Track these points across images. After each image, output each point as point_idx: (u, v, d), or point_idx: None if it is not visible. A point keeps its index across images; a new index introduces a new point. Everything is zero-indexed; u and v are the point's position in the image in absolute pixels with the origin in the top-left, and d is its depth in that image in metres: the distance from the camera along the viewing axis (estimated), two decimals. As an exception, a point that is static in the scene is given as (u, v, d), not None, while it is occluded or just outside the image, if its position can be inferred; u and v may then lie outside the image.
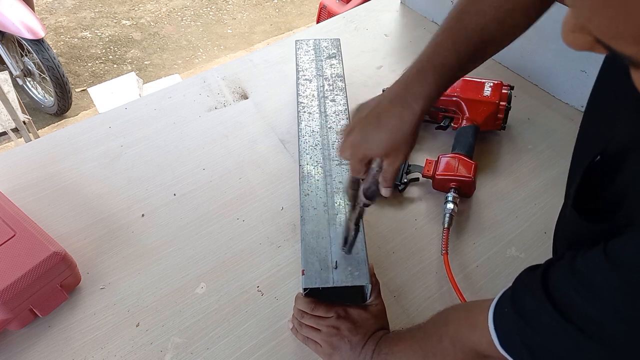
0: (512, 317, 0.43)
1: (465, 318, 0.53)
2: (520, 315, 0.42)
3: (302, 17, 3.46)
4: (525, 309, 0.42)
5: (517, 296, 0.44)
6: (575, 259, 0.39)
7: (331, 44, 1.03)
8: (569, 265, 0.39)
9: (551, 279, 0.41)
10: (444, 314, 0.58)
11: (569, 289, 0.38)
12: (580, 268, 0.38)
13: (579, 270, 0.38)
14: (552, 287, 0.40)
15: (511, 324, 0.44)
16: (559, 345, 0.39)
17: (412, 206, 0.88)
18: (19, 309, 0.67)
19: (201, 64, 3.04)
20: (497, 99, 0.92)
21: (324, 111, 0.89)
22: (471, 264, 0.80)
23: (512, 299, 0.45)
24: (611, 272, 0.35)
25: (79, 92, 2.80)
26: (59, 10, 3.38)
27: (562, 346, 0.39)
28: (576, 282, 0.37)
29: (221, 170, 0.93)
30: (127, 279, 0.77)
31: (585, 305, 0.37)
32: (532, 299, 0.42)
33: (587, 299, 0.36)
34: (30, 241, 0.70)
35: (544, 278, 0.41)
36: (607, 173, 0.43)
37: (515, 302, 0.44)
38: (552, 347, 0.40)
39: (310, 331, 0.66)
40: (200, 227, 0.84)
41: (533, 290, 0.41)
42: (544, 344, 0.40)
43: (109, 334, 0.71)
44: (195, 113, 1.03)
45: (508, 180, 0.92)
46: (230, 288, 0.76)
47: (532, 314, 0.41)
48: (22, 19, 2.21)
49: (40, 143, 0.98)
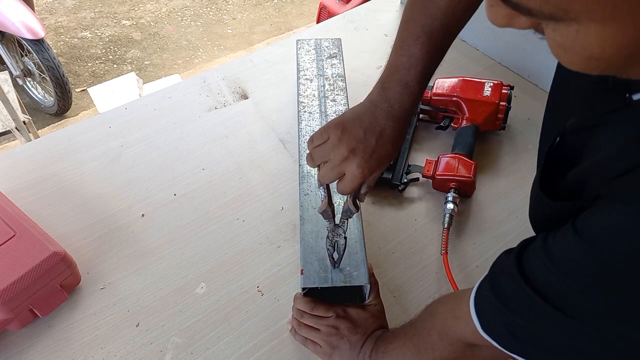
0: (492, 301, 0.44)
1: (450, 310, 0.53)
2: (499, 299, 0.43)
3: (302, 17, 3.46)
4: (504, 292, 0.43)
5: (494, 280, 0.45)
6: (547, 239, 0.39)
7: (332, 43, 1.03)
8: (542, 245, 0.39)
9: (526, 260, 0.41)
10: (431, 307, 0.59)
11: (543, 269, 0.38)
12: (551, 247, 0.38)
13: (551, 249, 0.38)
14: (527, 268, 0.40)
15: (491, 308, 0.44)
16: (539, 325, 0.39)
17: (412, 206, 0.88)
18: (19, 309, 0.67)
19: (201, 64, 3.04)
20: (497, 99, 0.92)
21: (324, 111, 0.89)
22: (471, 264, 0.80)
23: (491, 283, 0.45)
24: (581, 248, 0.35)
25: (79, 92, 2.80)
26: (59, 10, 3.38)
27: (542, 326, 0.39)
28: (549, 261, 0.38)
29: (221, 170, 0.93)
30: (127, 279, 0.77)
31: (559, 284, 0.37)
32: (509, 282, 0.42)
33: (560, 277, 0.37)
34: (30, 241, 0.70)
35: (518, 260, 0.41)
36: (567, 153, 0.44)
37: (493, 286, 0.44)
38: (532, 327, 0.40)
39: (309, 331, 0.66)
40: (200, 227, 0.84)
41: (510, 273, 0.42)
42: (524, 325, 0.41)
43: (109, 334, 0.71)
44: (195, 113, 1.03)
45: (508, 180, 0.92)
46: (230, 288, 0.76)
47: (510, 297, 0.42)
48: (22, 19, 2.21)
49: (40, 143, 0.98)
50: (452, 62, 1.16)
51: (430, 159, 0.89)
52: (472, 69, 1.13)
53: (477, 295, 0.47)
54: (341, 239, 0.64)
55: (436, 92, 0.96)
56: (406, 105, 0.57)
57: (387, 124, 0.56)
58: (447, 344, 0.53)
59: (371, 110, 0.57)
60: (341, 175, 0.57)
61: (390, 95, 0.57)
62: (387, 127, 0.56)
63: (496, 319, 0.44)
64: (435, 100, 0.97)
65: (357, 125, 0.56)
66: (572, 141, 0.45)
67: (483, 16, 0.34)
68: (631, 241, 0.32)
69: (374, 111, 0.57)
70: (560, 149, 0.47)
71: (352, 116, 0.58)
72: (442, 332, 0.53)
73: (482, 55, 1.17)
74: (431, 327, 0.56)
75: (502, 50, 1.14)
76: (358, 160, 0.55)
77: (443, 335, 0.53)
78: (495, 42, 1.14)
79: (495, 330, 0.44)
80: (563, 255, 0.37)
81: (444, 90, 0.95)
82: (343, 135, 0.56)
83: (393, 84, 0.57)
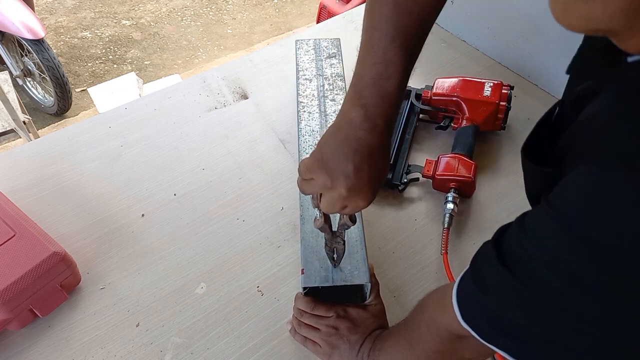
0: (472, 289, 0.43)
1: (438, 301, 0.52)
2: (478, 286, 0.41)
3: (302, 17, 3.46)
4: (483, 279, 0.41)
5: (475, 267, 0.44)
6: (525, 216, 0.38)
7: (331, 43, 1.03)
8: (518, 222, 0.38)
9: (503, 241, 0.40)
10: (421, 301, 0.58)
11: (517, 246, 0.37)
12: (527, 221, 0.37)
13: (526, 223, 0.37)
14: (502, 249, 0.39)
15: (470, 296, 0.43)
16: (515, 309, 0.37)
17: (412, 206, 0.88)
18: (19, 309, 0.67)
19: (201, 64, 3.04)
20: (497, 99, 0.92)
21: (323, 110, 0.89)
22: (471, 264, 0.80)
23: (472, 271, 0.44)
24: (553, 221, 0.33)
25: (79, 92, 2.80)
26: (59, 10, 3.38)
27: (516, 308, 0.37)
28: (523, 237, 0.36)
29: (221, 170, 0.93)
30: (127, 279, 0.77)
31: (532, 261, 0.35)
32: (487, 267, 0.41)
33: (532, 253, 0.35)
34: (30, 241, 0.70)
35: (496, 243, 0.40)
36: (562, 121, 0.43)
37: (474, 274, 0.43)
38: (509, 313, 0.38)
39: (309, 330, 0.66)
40: (200, 227, 0.84)
41: (487, 257, 0.40)
42: (502, 312, 0.39)
43: (109, 334, 0.71)
44: (195, 113, 1.03)
45: (508, 180, 0.92)
46: (230, 288, 0.76)
47: (488, 283, 0.40)
48: (22, 19, 2.21)
49: (40, 143, 0.98)
50: (452, 62, 1.16)
51: (430, 159, 0.89)
52: (472, 69, 1.13)
53: (460, 285, 0.45)
54: (340, 245, 0.64)
55: (436, 92, 0.96)
56: (389, 116, 0.51)
57: (373, 142, 0.50)
58: (435, 336, 0.52)
59: (352, 134, 0.50)
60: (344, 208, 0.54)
61: (371, 111, 0.50)
62: (374, 145, 0.51)
63: (476, 308, 0.43)
64: (435, 100, 0.97)
65: (343, 161, 0.50)
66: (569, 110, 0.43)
67: (483, 16, 0.34)
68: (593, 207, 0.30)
69: (355, 134, 0.50)
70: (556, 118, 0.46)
71: (332, 150, 0.51)
72: (430, 323, 0.53)
73: (482, 55, 1.17)
74: (420, 320, 0.55)
75: (502, 50, 1.14)
76: (363, 195, 0.51)
77: (431, 327, 0.52)
78: (495, 42, 1.14)
79: (473, 319, 0.43)
80: (536, 229, 0.36)
81: (444, 90, 0.95)
82: (330, 175, 0.51)
83: (372, 98, 0.50)
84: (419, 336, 0.54)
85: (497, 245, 0.40)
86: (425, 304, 0.56)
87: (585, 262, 0.32)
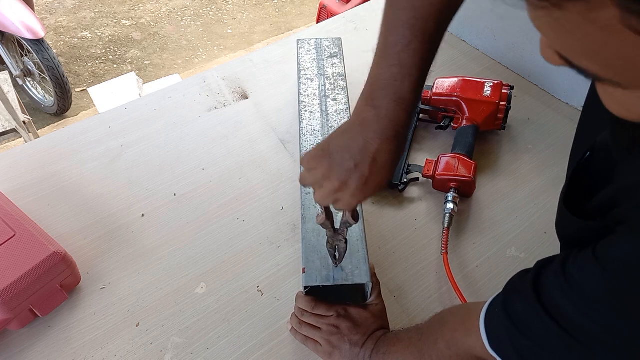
0: (503, 319, 0.43)
1: (461, 322, 0.53)
2: (510, 319, 0.42)
3: (302, 17, 3.46)
4: (516, 313, 0.42)
5: (508, 300, 0.44)
6: (567, 262, 0.38)
7: (333, 43, 1.03)
8: (561, 268, 0.38)
9: (543, 284, 0.40)
10: (440, 315, 0.58)
11: (560, 295, 0.38)
12: (571, 271, 0.37)
13: (570, 274, 0.37)
14: (543, 292, 0.40)
15: (501, 325, 0.44)
16: (550, 351, 0.39)
17: (412, 206, 0.88)
18: (19, 309, 0.67)
19: (201, 64, 3.04)
20: (497, 99, 0.92)
21: (325, 110, 0.89)
22: (471, 264, 0.80)
23: (504, 302, 0.44)
24: (599, 275, 0.34)
25: (79, 92, 2.80)
26: (59, 10, 3.38)
27: (553, 352, 0.38)
28: (568, 287, 0.37)
29: (221, 170, 0.93)
30: (127, 279, 0.77)
31: (576, 312, 0.36)
32: (523, 304, 0.41)
33: (578, 305, 0.36)
34: (30, 241, 0.70)
35: (535, 283, 0.41)
36: (597, 169, 0.43)
37: (506, 306, 0.44)
38: (542, 352, 0.39)
39: (310, 330, 0.66)
40: (200, 227, 0.84)
41: (525, 296, 0.41)
42: (534, 349, 0.40)
43: (109, 334, 0.71)
44: (195, 113, 1.03)
45: (508, 180, 0.92)
46: (230, 288, 0.76)
47: (523, 319, 0.41)
48: (22, 19, 2.21)
49: (40, 143, 0.98)
50: (452, 62, 1.16)
51: (430, 158, 0.89)
52: (472, 69, 1.13)
53: (488, 312, 0.46)
54: (342, 243, 0.64)
55: (436, 92, 0.96)
56: (402, 121, 0.51)
57: (381, 147, 0.50)
58: (454, 355, 0.52)
59: (362, 134, 0.51)
60: (337, 201, 0.54)
61: (384, 113, 0.50)
62: (381, 150, 0.50)
63: (505, 339, 0.43)
64: (435, 100, 0.97)
65: (347, 156, 0.51)
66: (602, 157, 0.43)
67: (483, 16, 0.34)
68: None
69: (366, 134, 0.51)
70: (590, 164, 0.46)
71: (340, 143, 0.52)
72: (450, 342, 0.53)
73: (482, 55, 1.17)
74: (439, 336, 0.55)
75: (502, 50, 1.14)
76: (351, 191, 0.52)
77: (451, 346, 0.53)
78: (495, 42, 1.14)
79: (501, 347, 0.44)
80: (581, 281, 0.36)
81: (444, 90, 0.95)
82: (332, 166, 0.51)
83: (385, 100, 0.50)
84: (436, 352, 0.54)
85: (537, 287, 0.40)
86: (446, 320, 0.56)
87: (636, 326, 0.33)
